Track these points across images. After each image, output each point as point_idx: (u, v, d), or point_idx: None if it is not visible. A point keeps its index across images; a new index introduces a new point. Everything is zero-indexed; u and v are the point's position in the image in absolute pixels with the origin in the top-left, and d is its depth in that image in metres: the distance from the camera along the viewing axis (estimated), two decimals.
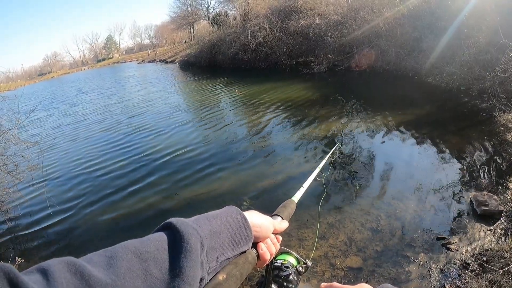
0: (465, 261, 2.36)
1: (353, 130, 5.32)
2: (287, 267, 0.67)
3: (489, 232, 2.60)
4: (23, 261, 2.81)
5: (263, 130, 6.01)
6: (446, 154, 4.02)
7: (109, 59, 62.66)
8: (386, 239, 2.66)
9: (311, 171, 0.86)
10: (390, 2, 10.00)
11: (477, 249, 2.44)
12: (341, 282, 0.54)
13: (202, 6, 34.57)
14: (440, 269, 2.32)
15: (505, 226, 2.64)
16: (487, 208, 2.75)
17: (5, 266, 0.29)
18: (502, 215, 2.73)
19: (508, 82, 4.96)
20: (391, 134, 4.90)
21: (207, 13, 33.54)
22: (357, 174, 3.80)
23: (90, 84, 24.16)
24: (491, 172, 3.48)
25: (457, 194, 3.14)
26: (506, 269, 2.05)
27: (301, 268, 0.67)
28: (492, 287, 2.02)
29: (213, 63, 18.12)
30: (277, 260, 0.68)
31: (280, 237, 0.60)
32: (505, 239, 2.46)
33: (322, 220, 3.03)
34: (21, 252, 3.40)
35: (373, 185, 3.53)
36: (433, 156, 4.01)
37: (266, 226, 0.55)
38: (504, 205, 2.84)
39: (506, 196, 3.00)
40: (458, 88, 6.29)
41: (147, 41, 59.78)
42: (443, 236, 2.60)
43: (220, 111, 8.20)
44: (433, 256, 2.43)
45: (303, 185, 0.79)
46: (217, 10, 30.22)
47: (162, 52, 38.28)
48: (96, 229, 3.65)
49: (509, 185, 3.17)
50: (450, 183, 3.33)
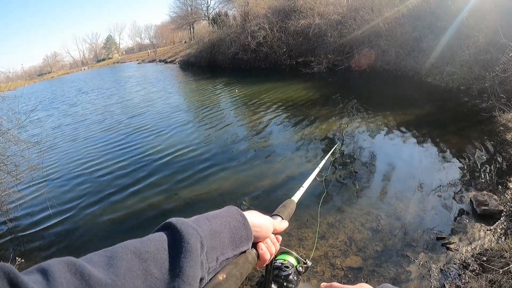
0: (465, 261, 2.36)
1: (353, 130, 5.32)
2: (287, 267, 0.67)
3: (489, 232, 2.60)
4: (23, 261, 2.81)
5: (262, 130, 6.01)
6: (446, 154, 4.02)
7: (109, 59, 62.66)
8: (386, 239, 2.66)
9: (311, 171, 0.86)
10: (390, 2, 10.00)
11: (477, 249, 2.44)
12: (341, 282, 0.54)
13: (202, 6, 34.63)
14: (440, 269, 2.32)
15: (505, 226, 2.64)
16: (487, 208, 2.75)
17: (5, 266, 0.29)
18: (502, 215, 2.73)
19: (508, 82, 4.96)
20: (391, 134, 4.90)
21: (207, 13, 33.55)
22: (357, 174, 3.80)
23: (90, 84, 24.15)
24: (491, 172, 3.48)
25: (457, 194, 3.14)
26: (506, 268, 2.05)
27: (301, 268, 0.67)
28: (492, 287, 2.02)
29: (213, 63, 18.12)
30: (277, 260, 0.68)
31: (280, 237, 0.60)
32: (505, 239, 2.46)
33: (322, 220, 3.03)
34: (21, 252, 3.40)
35: (373, 185, 3.53)
36: (433, 156, 4.01)
37: (266, 226, 0.55)
38: (504, 205, 2.84)
39: (506, 196, 3.00)
40: (458, 88, 6.29)
41: (147, 41, 59.85)
42: (443, 236, 2.60)
43: (220, 111, 8.20)
44: (433, 256, 2.43)
45: (303, 185, 0.79)
46: (217, 10, 30.27)
47: (162, 52, 38.27)
48: (96, 229, 3.65)
49: (509, 185, 3.17)
50: (450, 183, 3.33)
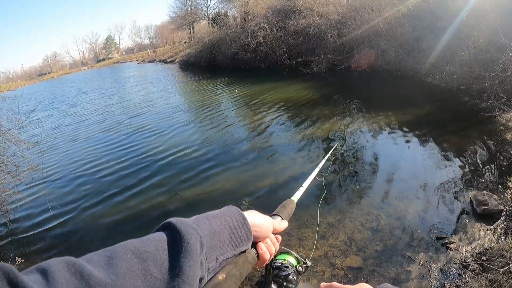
0: (465, 260, 2.36)
1: (352, 130, 5.32)
2: (287, 266, 0.67)
3: (489, 232, 2.60)
4: (23, 261, 2.81)
5: (262, 130, 6.01)
6: (446, 153, 4.02)
7: (108, 59, 62.66)
8: (386, 239, 2.66)
9: (310, 171, 0.86)
10: (390, 2, 10.00)
11: (477, 248, 2.44)
12: (341, 282, 0.54)
13: (202, 6, 34.64)
14: (440, 268, 2.32)
15: (505, 225, 2.64)
16: (487, 208, 2.75)
17: (5, 266, 0.29)
18: (502, 214, 2.73)
19: (508, 82, 4.96)
20: (391, 133, 4.90)
21: (207, 13, 33.55)
22: (357, 173, 3.80)
23: (90, 84, 24.15)
24: (491, 172, 3.48)
25: (457, 194, 3.14)
26: (506, 268, 2.05)
27: (300, 268, 0.67)
28: (492, 286, 2.02)
29: (213, 63, 18.12)
30: (276, 260, 0.69)
31: (279, 237, 0.60)
32: (505, 239, 2.46)
33: (322, 219, 3.03)
34: (21, 253, 3.40)
35: (373, 184, 3.53)
36: (432, 156, 4.00)
37: (265, 226, 0.55)
38: (504, 205, 2.84)
39: (506, 195, 3.00)
40: (458, 88, 6.29)
41: (146, 41, 59.89)
42: (443, 236, 2.60)
43: (220, 111, 8.20)
44: (433, 256, 2.43)
45: (302, 184, 0.79)
46: (217, 10, 30.27)
47: (162, 52, 38.26)
48: (97, 229, 3.65)
49: (509, 184, 3.17)
50: (449, 182, 3.33)
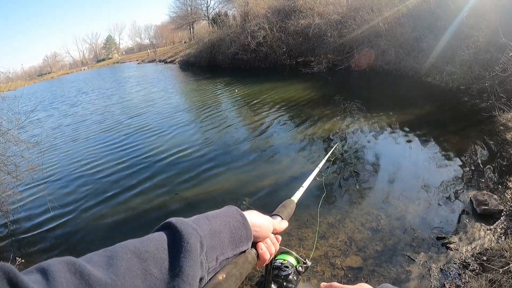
0: (465, 260, 2.36)
1: (352, 130, 5.32)
2: (287, 266, 0.67)
3: (489, 232, 2.60)
4: (23, 261, 2.81)
5: (262, 131, 6.01)
6: (446, 153, 4.02)
7: (108, 59, 62.64)
8: (386, 239, 2.66)
9: (310, 171, 0.86)
10: (390, 2, 10.00)
11: (477, 248, 2.44)
12: (341, 282, 0.54)
13: (202, 6, 34.63)
14: (440, 268, 2.32)
15: (505, 225, 2.64)
16: (487, 208, 2.75)
17: (5, 266, 0.29)
18: (502, 214, 2.73)
19: (508, 82, 4.96)
20: (391, 133, 4.90)
21: (207, 13, 33.55)
22: (357, 173, 3.80)
23: (90, 84, 24.15)
24: (491, 172, 3.47)
25: (457, 194, 3.14)
26: (506, 268, 2.05)
27: (300, 268, 0.67)
28: (492, 286, 2.02)
29: (213, 63, 18.12)
30: (276, 260, 0.68)
31: (279, 237, 0.60)
32: (505, 239, 2.46)
33: (322, 219, 3.03)
34: (21, 253, 3.40)
35: (373, 184, 3.53)
36: (432, 156, 4.00)
37: (265, 226, 0.55)
38: (504, 205, 2.84)
39: (506, 195, 3.00)
40: (458, 88, 6.29)
41: (146, 41, 59.86)
42: (443, 236, 2.60)
43: (220, 111, 8.20)
44: (433, 256, 2.43)
45: (302, 185, 0.79)
46: (217, 10, 30.27)
47: (162, 52, 38.26)
48: (97, 229, 3.65)
49: (509, 184, 3.17)
50: (449, 182, 3.33)
